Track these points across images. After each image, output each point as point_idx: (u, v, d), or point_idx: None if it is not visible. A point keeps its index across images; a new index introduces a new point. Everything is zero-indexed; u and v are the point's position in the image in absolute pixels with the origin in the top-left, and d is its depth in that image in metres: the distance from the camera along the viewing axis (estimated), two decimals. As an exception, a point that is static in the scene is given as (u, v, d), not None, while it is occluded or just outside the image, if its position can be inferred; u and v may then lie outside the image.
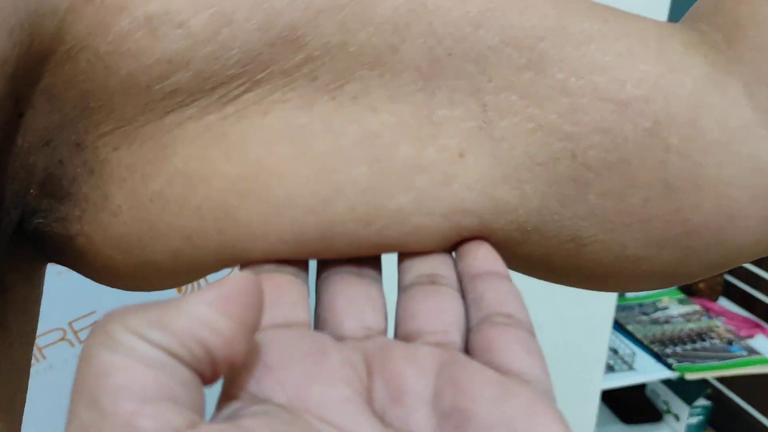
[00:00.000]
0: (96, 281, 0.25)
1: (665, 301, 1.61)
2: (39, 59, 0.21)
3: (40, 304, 0.28)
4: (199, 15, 0.21)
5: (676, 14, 1.06)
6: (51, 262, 0.26)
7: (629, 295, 1.62)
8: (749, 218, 0.26)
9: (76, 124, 0.22)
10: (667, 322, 1.53)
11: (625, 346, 1.44)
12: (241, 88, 0.22)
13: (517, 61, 0.24)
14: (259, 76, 0.22)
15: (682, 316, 1.56)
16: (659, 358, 1.42)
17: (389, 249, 0.24)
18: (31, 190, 0.23)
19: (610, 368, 1.39)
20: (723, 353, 1.43)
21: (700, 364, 1.39)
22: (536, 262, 0.27)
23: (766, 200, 0.26)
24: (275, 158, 0.22)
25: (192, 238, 0.23)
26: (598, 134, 0.25)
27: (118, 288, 0.25)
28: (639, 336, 1.48)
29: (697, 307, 1.59)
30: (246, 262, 0.23)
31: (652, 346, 1.45)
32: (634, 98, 0.25)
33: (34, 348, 0.98)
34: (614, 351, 1.44)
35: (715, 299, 1.63)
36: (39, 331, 1.12)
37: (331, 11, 0.22)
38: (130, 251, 0.23)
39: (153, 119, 0.22)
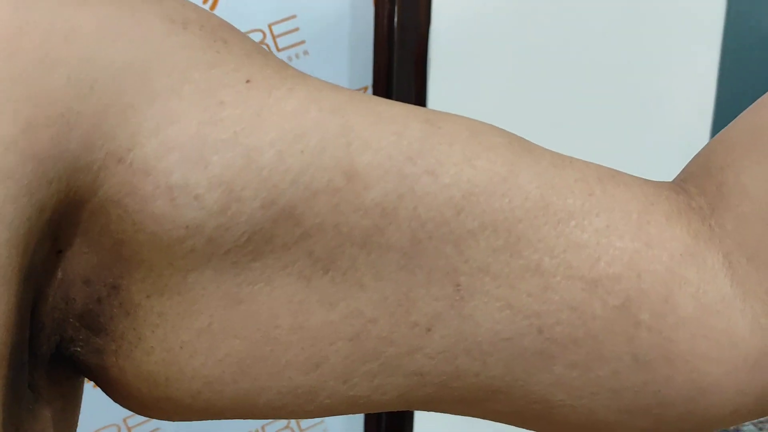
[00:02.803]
0: (120, 405, 0.28)
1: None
2: (75, 208, 0.24)
3: (78, 414, 0.30)
4: (213, 191, 0.24)
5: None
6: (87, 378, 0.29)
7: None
8: (724, 391, 0.26)
9: (111, 268, 0.25)
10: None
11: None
12: (249, 257, 0.25)
13: (494, 243, 0.25)
14: (264, 247, 0.25)
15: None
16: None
17: (359, 399, 0.27)
18: (71, 320, 0.26)
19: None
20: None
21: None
22: (507, 417, 0.27)
23: (742, 373, 0.26)
24: (280, 331, 0.26)
25: (212, 384, 0.26)
26: (566, 311, 0.25)
27: (136, 413, 0.28)
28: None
29: None
30: (250, 410, 0.27)
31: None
32: (605, 276, 0.25)
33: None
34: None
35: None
36: (96, 426, 1.15)
37: (327, 193, 0.25)
38: (155, 386, 0.26)
39: (177, 276, 0.25)
